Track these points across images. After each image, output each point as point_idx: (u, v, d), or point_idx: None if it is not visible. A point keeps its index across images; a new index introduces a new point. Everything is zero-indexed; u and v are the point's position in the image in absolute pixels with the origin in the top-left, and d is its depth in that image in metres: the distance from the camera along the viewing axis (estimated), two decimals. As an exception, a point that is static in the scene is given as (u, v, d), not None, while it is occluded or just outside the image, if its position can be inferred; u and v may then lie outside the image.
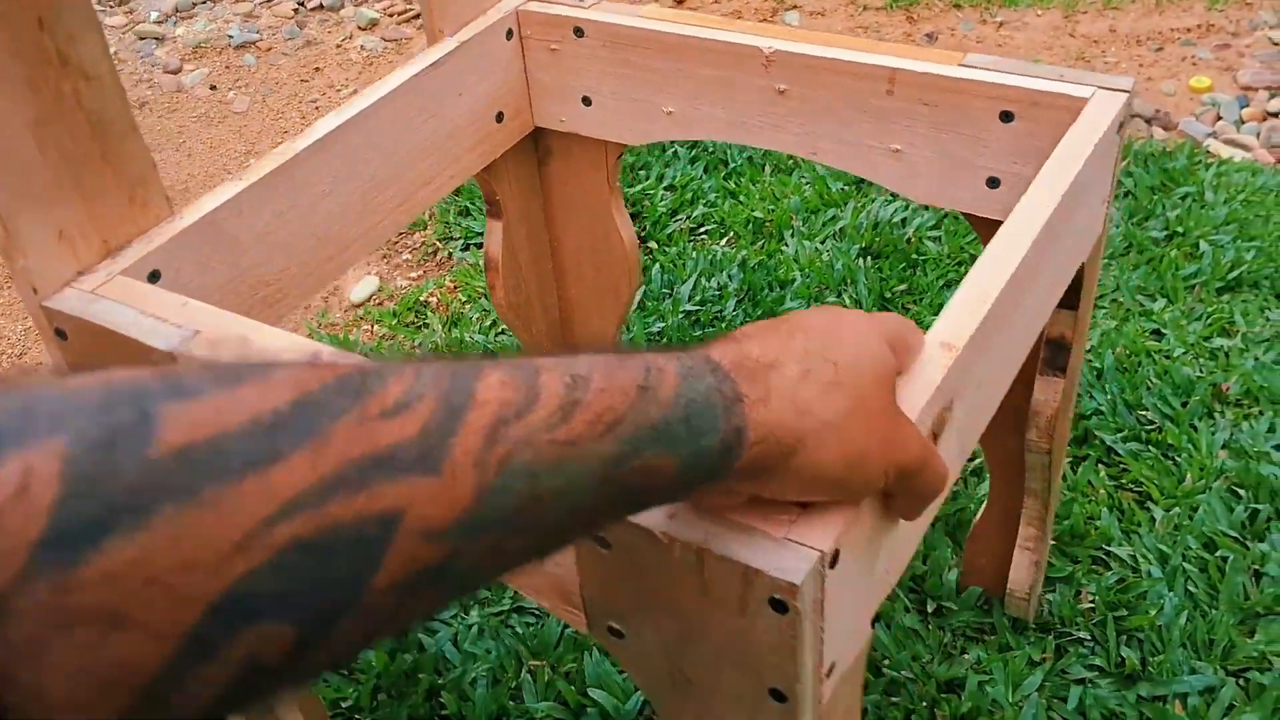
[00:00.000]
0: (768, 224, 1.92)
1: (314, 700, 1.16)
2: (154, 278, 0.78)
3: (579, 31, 1.09)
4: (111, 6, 2.87)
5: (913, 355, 0.63)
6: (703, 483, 0.48)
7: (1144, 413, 1.49)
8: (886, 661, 1.21)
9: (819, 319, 0.55)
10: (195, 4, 2.86)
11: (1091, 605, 1.26)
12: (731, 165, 2.07)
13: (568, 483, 0.42)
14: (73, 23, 0.72)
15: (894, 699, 1.18)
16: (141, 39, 2.73)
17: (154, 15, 2.81)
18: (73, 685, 0.32)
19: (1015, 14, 2.77)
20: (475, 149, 1.14)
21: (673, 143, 2.12)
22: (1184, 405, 1.50)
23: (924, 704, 1.17)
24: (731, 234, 1.92)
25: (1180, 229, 1.85)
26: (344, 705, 1.24)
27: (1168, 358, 1.58)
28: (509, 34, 1.12)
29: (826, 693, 0.59)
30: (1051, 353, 0.99)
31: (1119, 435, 1.46)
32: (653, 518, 0.55)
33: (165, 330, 0.72)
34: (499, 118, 1.15)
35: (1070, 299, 0.95)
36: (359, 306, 1.91)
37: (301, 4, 2.89)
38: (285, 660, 0.36)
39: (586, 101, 1.14)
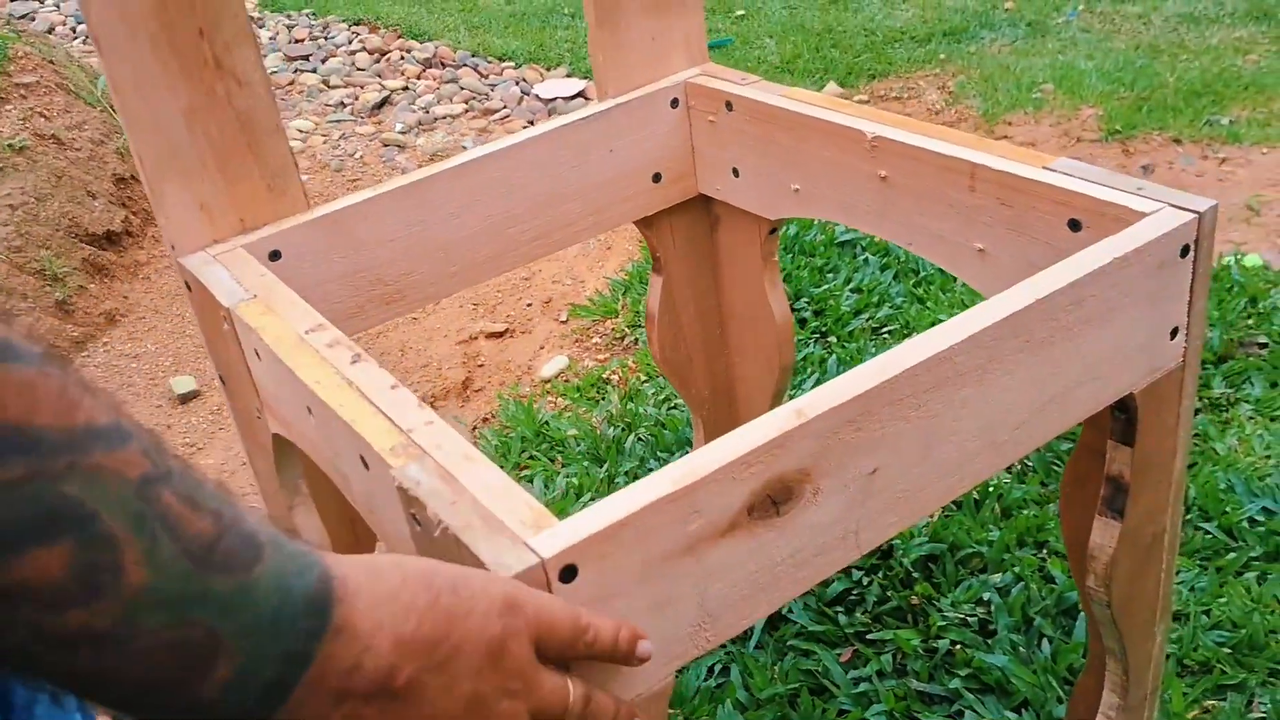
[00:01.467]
0: (952, 327, 1.90)
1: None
2: (274, 256, 0.86)
3: (729, 105, 1.14)
4: (364, 118, 3.13)
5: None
6: None
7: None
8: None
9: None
10: (436, 119, 3.09)
11: (1263, 715, 1.17)
12: (922, 273, 2.07)
13: None
14: (230, 34, 0.82)
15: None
16: (386, 145, 2.96)
17: (399, 127, 3.05)
18: None
19: (1239, 150, 2.68)
20: (625, 203, 1.19)
21: (864, 249, 2.14)
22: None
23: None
24: (915, 335, 1.90)
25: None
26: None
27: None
28: (674, 103, 1.18)
29: None
30: (1109, 491, 0.90)
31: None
32: None
33: (234, 290, 0.80)
34: (656, 178, 1.21)
35: (1126, 434, 0.87)
36: (548, 382, 2.00)
37: (531, 122, 3.08)
38: None
39: (736, 173, 1.19)
